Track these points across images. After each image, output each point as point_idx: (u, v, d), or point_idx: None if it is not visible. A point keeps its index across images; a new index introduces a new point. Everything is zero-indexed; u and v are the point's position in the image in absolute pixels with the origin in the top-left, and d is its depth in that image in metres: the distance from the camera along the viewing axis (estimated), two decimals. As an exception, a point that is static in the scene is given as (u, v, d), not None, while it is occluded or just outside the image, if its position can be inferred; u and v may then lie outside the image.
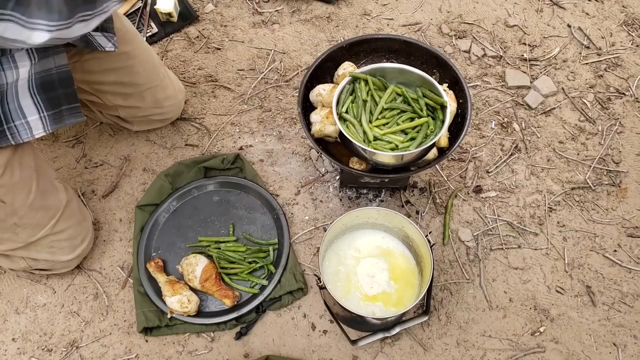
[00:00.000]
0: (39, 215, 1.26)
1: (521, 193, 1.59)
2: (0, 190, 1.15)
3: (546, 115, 1.72)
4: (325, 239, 1.26)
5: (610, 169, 1.62)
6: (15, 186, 1.18)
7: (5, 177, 1.14)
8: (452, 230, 1.53)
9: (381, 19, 1.91)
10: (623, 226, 1.53)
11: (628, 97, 1.75)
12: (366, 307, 1.28)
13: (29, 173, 1.21)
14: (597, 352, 1.36)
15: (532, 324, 1.40)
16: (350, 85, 1.29)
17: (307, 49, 1.85)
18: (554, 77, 1.78)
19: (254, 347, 1.37)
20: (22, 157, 1.20)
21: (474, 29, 1.89)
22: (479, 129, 1.69)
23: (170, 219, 1.53)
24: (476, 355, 1.36)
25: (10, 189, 1.17)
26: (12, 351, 1.38)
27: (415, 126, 1.26)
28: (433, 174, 1.62)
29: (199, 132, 1.70)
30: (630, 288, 1.44)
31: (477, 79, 1.78)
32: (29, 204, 1.22)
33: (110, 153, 1.67)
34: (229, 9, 1.94)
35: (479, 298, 1.43)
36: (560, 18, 1.92)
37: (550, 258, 1.49)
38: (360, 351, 1.36)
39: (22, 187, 1.20)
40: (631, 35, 1.87)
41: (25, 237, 1.26)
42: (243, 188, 1.56)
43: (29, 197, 1.21)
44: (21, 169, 1.19)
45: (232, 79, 1.79)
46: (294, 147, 1.67)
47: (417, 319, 1.27)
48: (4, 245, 1.27)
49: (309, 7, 1.93)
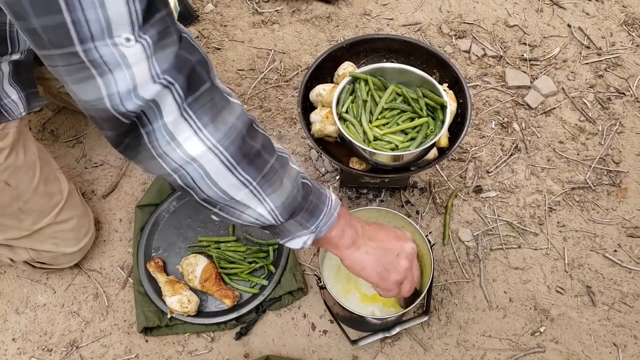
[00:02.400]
0: (43, 202, 1.28)
1: (521, 193, 1.59)
2: (6, 172, 1.18)
3: (546, 115, 1.72)
4: (325, 239, 1.26)
5: (611, 169, 1.62)
6: (19, 169, 1.21)
7: (11, 158, 1.18)
8: (452, 230, 1.53)
9: (381, 19, 1.91)
10: (623, 226, 1.53)
11: (628, 97, 1.75)
12: (366, 307, 1.28)
13: (32, 158, 1.25)
14: (597, 352, 1.36)
15: (532, 324, 1.40)
16: (350, 85, 1.29)
17: (307, 49, 1.85)
18: (554, 77, 1.78)
19: (254, 347, 1.37)
20: (26, 142, 1.23)
21: (474, 28, 1.89)
22: (479, 129, 1.69)
23: (170, 219, 1.53)
24: (476, 355, 1.36)
25: (15, 171, 1.20)
26: (12, 351, 1.38)
27: (415, 126, 1.26)
28: (433, 174, 1.62)
29: (199, 132, 1.70)
30: (631, 288, 1.44)
31: (477, 79, 1.78)
32: (33, 188, 1.24)
33: (110, 153, 1.67)
34: (228, 9, 1.94)
35: (479, 298, 1.43)
36: (560, 18, 1.91)
37: (550, 258, 1.49)
38: (360, 351, 1.36)
39: (27, 170, 1.23)
40: (631, 35, 1.87)
41: (29, 224, 1.27)
42: (243, 188, 1.56)
43: (33, 181, 1.24)
44: (25, 153, 1.22)
45: (232, 79, 1.79)
46: (294, 147, 1.67)
47: (417, 319, 1.27)
48: (8, 234, 1.28)
49: (309, 7, 1.93)
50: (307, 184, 0.89)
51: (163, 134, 0.70)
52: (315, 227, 0.89)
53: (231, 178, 0.77)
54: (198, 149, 0.72)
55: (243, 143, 0.76)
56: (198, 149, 0.72)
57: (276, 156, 0.83)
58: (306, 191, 0.88)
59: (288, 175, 0.84)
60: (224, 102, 0.75)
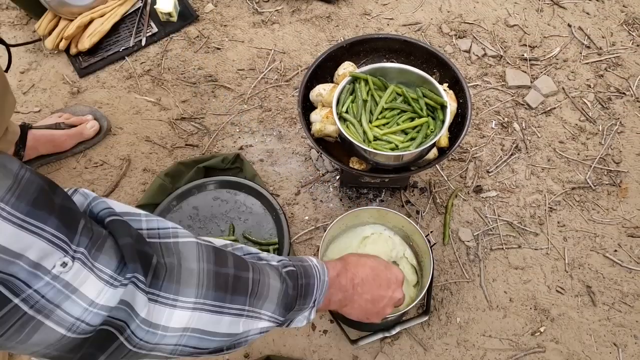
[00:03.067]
0: None
1: (521, 193, 1.59)
2: None
3: (546, 115, 1.72)
4: (325, 239, 1.26)
5: (611, 169, 1.62)
6: None
7: None
8: (452, 230, 1.53)
9: (381, 19, 1.91)
10: (623, 226, 1.53)
11: (628, 97, 1.74)
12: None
13: None
14: (598, 352, 1.36)
15: (533, 324, 1.40)
16: (351, 85, 1.29)
17: (307, 49, 1.85)
18: (555, 76, 1.78)
19: (254, 347, 1.37)
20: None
21: (474, 28, 1.88)
22: (479, 129, 1.69)
23: (170, 218, 1.53)
24: (476, 355, 1.36)
25: None
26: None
27: (416, 126, 1.26)
28: (433, 174, 1.62)
29: (199, 132, 1.70)
30: (631, 288, 1.44)
31: (477, 79, 1.78)
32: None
33: (110, 153, 1.67)
34: (229, 9, 1.94)
35: (479, 298, 1.43)
36: (560, 18, 1.91)
37: (550, 258, 1.49)
38: (360, 351, 1.36)
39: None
40: (632, 35, 1.87)
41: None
42: (243, 188, 1.56)
43: None
44: None
45: (232, 78, 1.79)
46: (294, 147, 1.67)
47: (417, 318, 1.27)
48: None
49: (309, 6, 1.93)
50: (291, 270, 0.85)
51: (144, 329, 0.63)
52: (313, 302, 0.87)
53: (226, 319, 0.72)
54: (182, 319, 0.66)
55: (217, 279, 0.70)
56: (182, 319, 0.66)
57: (251, 266, 0.78)
58: (294, 278, 0.84)
59: (271, 275, 0.80)
60: (177, 255, 0.68)
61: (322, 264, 0.91)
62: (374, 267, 1.00)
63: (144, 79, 1.79)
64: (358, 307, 0.98)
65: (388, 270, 1.02)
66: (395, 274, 1.02)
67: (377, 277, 0.99)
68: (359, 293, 0.96)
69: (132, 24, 1.88)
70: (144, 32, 1.85)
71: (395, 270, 1.03)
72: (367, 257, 1.03)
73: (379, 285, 0.99)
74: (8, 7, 1.93)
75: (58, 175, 1.63)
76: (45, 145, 1.57)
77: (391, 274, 1.02)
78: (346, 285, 0.95)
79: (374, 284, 0.98)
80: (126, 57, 1.82)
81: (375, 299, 0.98)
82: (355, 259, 1.00)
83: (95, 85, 1.78)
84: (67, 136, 1.59)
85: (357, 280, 0.96)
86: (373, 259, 1.02)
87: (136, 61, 1.82)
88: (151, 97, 1.75)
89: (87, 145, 1.65)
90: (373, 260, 1.02)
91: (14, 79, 1.78)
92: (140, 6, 1.90)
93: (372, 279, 0.98)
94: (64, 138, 1.59)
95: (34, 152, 1.56)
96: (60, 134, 1.58)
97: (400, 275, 1.03)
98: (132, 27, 1.87)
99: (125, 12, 1.88)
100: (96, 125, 1.64)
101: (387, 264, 1.03)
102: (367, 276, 0.98)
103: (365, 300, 0.97)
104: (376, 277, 0.99)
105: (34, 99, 1.75)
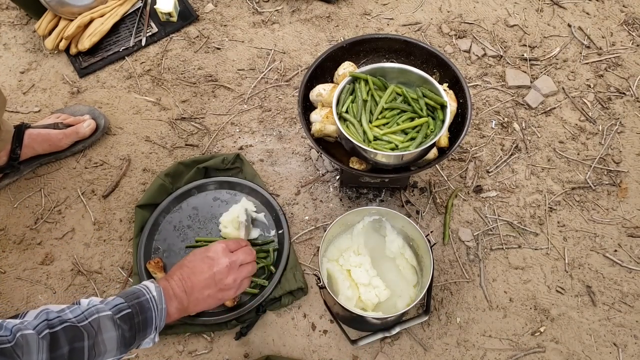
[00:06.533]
0: None
1: (521, 193, 1.59)
2: None
3: (546, 115, 1.72)
4: (325, 239, 1.26)
5: (611, 169, 1.62)
6: None
7: None
8: (452, 230, 1.53)
9: (381, 19, 1.91)
10: (623, 226, 1.53)
11: (628, 97, 1.74)
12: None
13: None
14: (598, 352, 1.36)
15: (533, 323, 1.40)
16: (350, 85, 1.29)
17: (307, 49, 1.85)
18: (555, 76, 1.78)
19: (254, 347, 1.37)
20: None
21: (474, 28, 1.88)
22: (479, 129, 1.69)
23: (170, 219, 1.53)
24: (476, 355, 1.36)
25: None
26: (12, 351, 1.38)
27: (415, 126, 1.26)
28: (433, 174, 1.62)
29: (199, 132, 1.70)
30: (631, 288, 1.44)
31: (477, 79, 1.78)
32: None
33: (110, 153, 1.67)
34: (229, 9, 1.94)
35: (479, 298, 1.43)
36: (560, 18, 1.91)
37: (550, 258, 1.49)
38: (360, 351, 1.36)
39: None
40: (631, 35, 1.87)
41: None
42: (243, 188, 1.56)
43: None
44: None
45: (232, 78, 1.79)
46: (294, 147, 1.67)
47: (417, 318, 1.27)
48: None
49: (309, 6, 1.93)
50: (126, 314, 0.96)
51: None
52: (155, 328, 1.00)
53: None
54: None
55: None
56: None
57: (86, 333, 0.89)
58: (129, 320, 0.95)
59: (106, 328, 0.92)
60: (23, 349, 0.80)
61: (159, 291, 1.03)
62: (190, 261, 1.13)
63: (143, 79, 1.79)
64: (203, 302, 1.11)
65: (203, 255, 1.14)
66: (213, 250, 1.15)
67: (195, 268, 1.12)
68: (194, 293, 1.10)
69: (132, 24, 1.88)
70: (144, 32, 1.85)
71: (212, 248, 1.15)
72: (187, 256, 1.16)
73: (201, 272, 1.11)
74: (8, 7, 1.93)
75: (58, 176, 1.63)
76: (42, 145, 1.57)
77: (208, 255, 1.14)
78: (180, 295, 1.08)
79: (200, 276, 1.11)
80: (126, 57, 1.82)
81: (210, 284, 1.11)
82: (178, 265, 1.14)
83: (95, 85, 1.78)
84: (63, 135, 1.59)
85: (188, 284, 1.09)
86: (190, 256, 1.15)
87: (136, 61, 1.82)
88: (151, 97, 1.75)
89: (85, 144, 1.65)
90: (190, 256, 1.15)
91: (14, 79, 1.78)
92: (140, 6, 1.90)
93: (194, 273, 1.11)
94: (60, 137, 1.59)
95: (30, 151, 1.56)
96: (56, 132, 1.58)
97: (215, 246, 1.16)
98: (132, 27, 1.87)
99: (125, 12, 1.88)
100: (93, 124, 1.63)
101: (203, 249, 1.15)
102: (190, 273, 1.11)
103: (206, 296, 1.11)
104: (195, 269, 1.12)
105: (34, 99, 1.75)
